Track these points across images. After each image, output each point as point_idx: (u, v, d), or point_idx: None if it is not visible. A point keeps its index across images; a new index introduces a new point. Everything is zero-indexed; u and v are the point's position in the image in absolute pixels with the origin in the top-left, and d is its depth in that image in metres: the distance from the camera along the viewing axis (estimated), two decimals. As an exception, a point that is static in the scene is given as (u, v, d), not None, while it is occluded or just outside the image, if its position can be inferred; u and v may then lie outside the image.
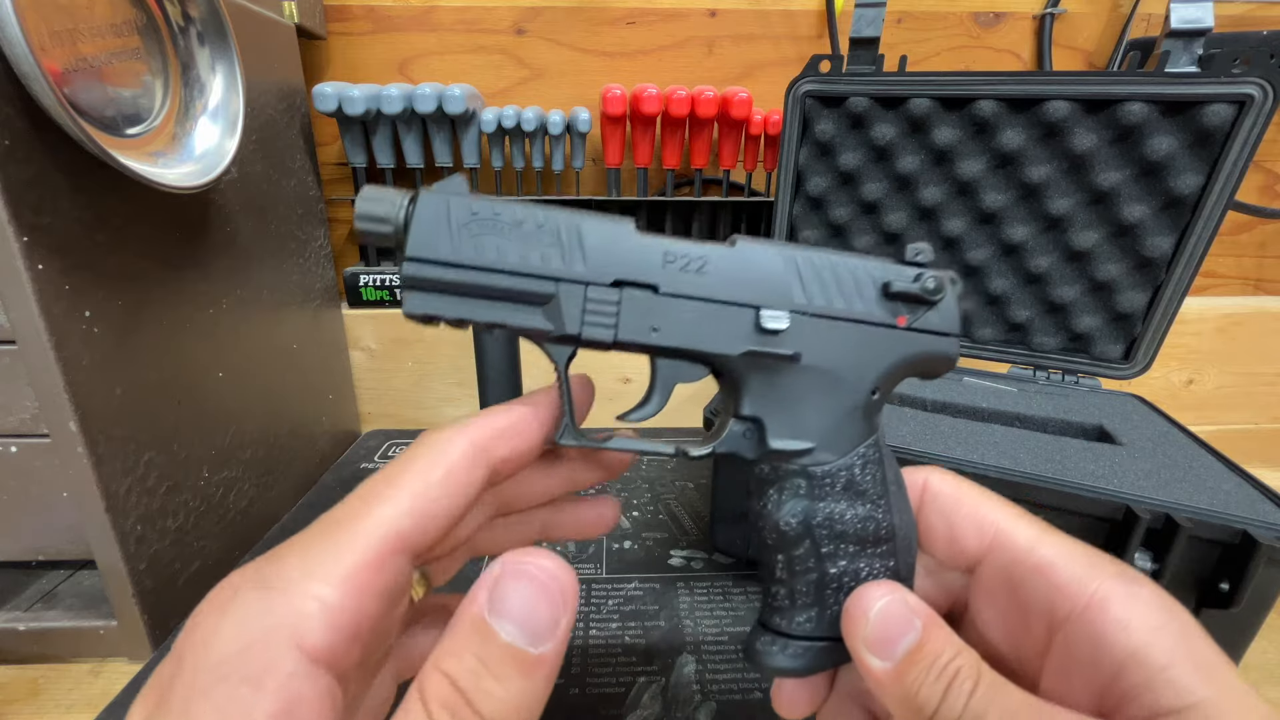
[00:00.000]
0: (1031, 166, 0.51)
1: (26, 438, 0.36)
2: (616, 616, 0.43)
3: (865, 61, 0.53)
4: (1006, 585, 0.21)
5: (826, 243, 0.59)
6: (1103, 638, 0.18)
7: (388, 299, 0.69)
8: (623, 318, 0.22)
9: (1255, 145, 0.44)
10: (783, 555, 0.24)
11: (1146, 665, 0.17)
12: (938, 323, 0.24)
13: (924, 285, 0.24)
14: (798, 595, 0.23)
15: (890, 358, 0.24)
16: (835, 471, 0.23)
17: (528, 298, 0.22)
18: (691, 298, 0.23)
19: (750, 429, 0.24)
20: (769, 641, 0.24)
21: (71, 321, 0.34)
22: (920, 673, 0.19)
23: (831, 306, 0.23)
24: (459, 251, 0.21)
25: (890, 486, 0.24)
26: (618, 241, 0.22)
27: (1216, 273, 0.80)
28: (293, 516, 0.55)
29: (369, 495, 0.19)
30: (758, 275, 0.23)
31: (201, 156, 0.42)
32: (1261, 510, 0.36)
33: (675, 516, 0.56)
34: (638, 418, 0.25)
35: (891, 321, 0.24)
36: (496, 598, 0.18)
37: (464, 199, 0.21)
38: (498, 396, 0.50)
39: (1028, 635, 0.21)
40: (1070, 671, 0.19)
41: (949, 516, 0.23)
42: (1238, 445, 0.78)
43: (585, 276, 0.22)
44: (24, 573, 0.44)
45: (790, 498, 0.23)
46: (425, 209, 0.21)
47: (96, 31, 0.34)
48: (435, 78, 0.67)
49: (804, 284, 0.23)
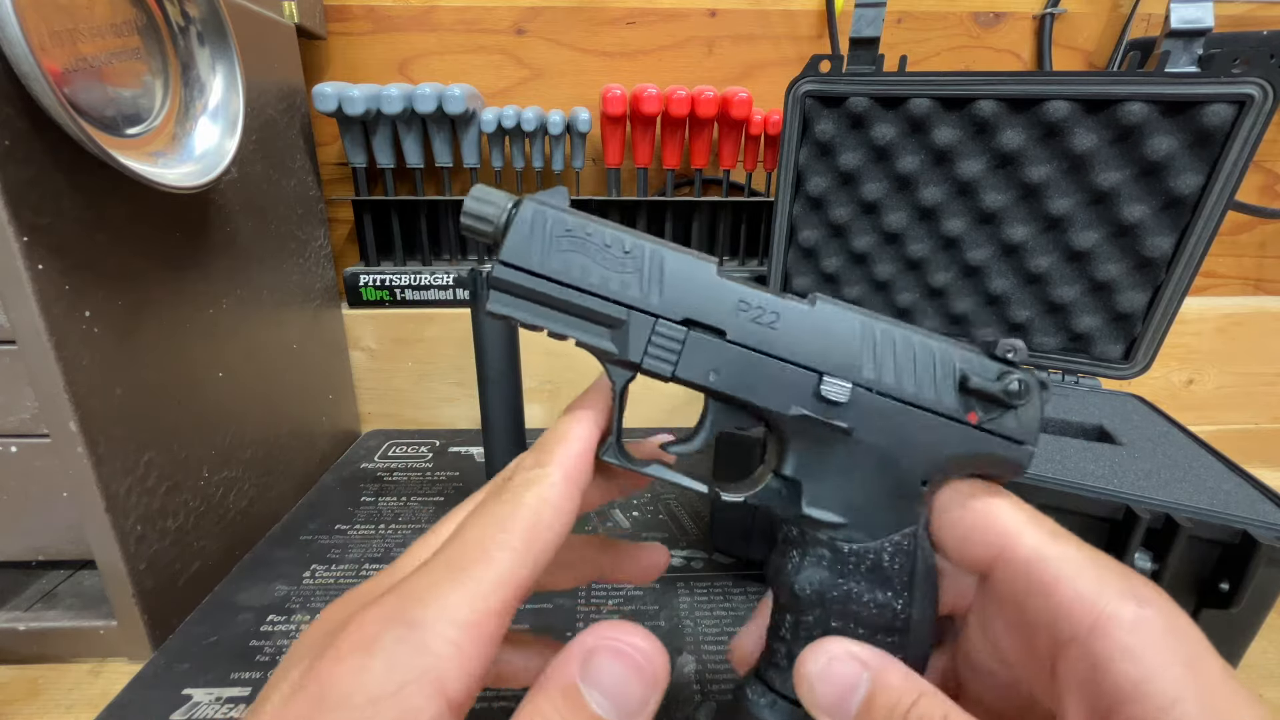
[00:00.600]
0: (1031, 166, 0.51)
1: (26, 438, 0.36)
2: (616, 617, 0.43)
3: (865, 61, 0.53)
4: (1013, 599, 0.21)
5: (826, 243, 0.59)
6: (1107, 665, 0.17)
7: (388, 299, 0.69)
8: (685, 356, 0.23)
9: (1255, 145, 0.44)
10: (791, 616, 0.23)
11: (1151, 699, 0.16)
12: (1013, 428, 0.23)
13: (1007, 387, 0.22)
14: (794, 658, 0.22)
15: (951, 452, 0.23)
16: (863, 552, 0.22)
17: (600, 319, 0.23)
18: (756, 350, 0.23)
19: (787, 488, 0.24)
20: (759, 693, 0.24)
21: (71, 321, 0.34)
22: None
23: (900, 387, 0.22)
24: (547, 264, 0.22)
25: (919, 581, 0.23)
26: (695, 280, 0.23)
27: (1216, 273, 0.80)
28: (293, 516, 0.55)
29: (487, 541, 0.19)
30: (829, 340, 0.23)
31: (201, 156, 0.42)
32: (1261, 510, 0.36)
33: (675, 516, 0.56)
34: (680, 450, 0.25)
35: (962, 416, 0.22)
36: (591, 669, 0.18)
37: (563, 214, 0.22)
38: (498, 397, 0.50)
39: (1033, 653, 0.20)
40: (1070, 698, 0.18)
41: (959, 521, 0.22)
42: (1238, 445, 0.78)
43: (658, 309, 0.22)
44: (24, 573, 0.44)
45: (812, 565, 0.23)
46: (526, 216, 0.22)
47: (96, 31, 0.34)
48: (435, 78, 0.67)
49: (877, 358, 0.23)
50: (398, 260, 0.70)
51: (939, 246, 0.56)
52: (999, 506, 0.22)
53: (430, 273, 0.68)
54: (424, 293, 0.69)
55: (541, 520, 0.20)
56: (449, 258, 0.71)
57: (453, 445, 0.69)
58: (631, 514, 0.56)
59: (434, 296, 0.69)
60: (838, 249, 0.59)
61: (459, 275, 0.68)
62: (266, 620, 0.43)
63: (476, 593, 0.18)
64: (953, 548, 0.23)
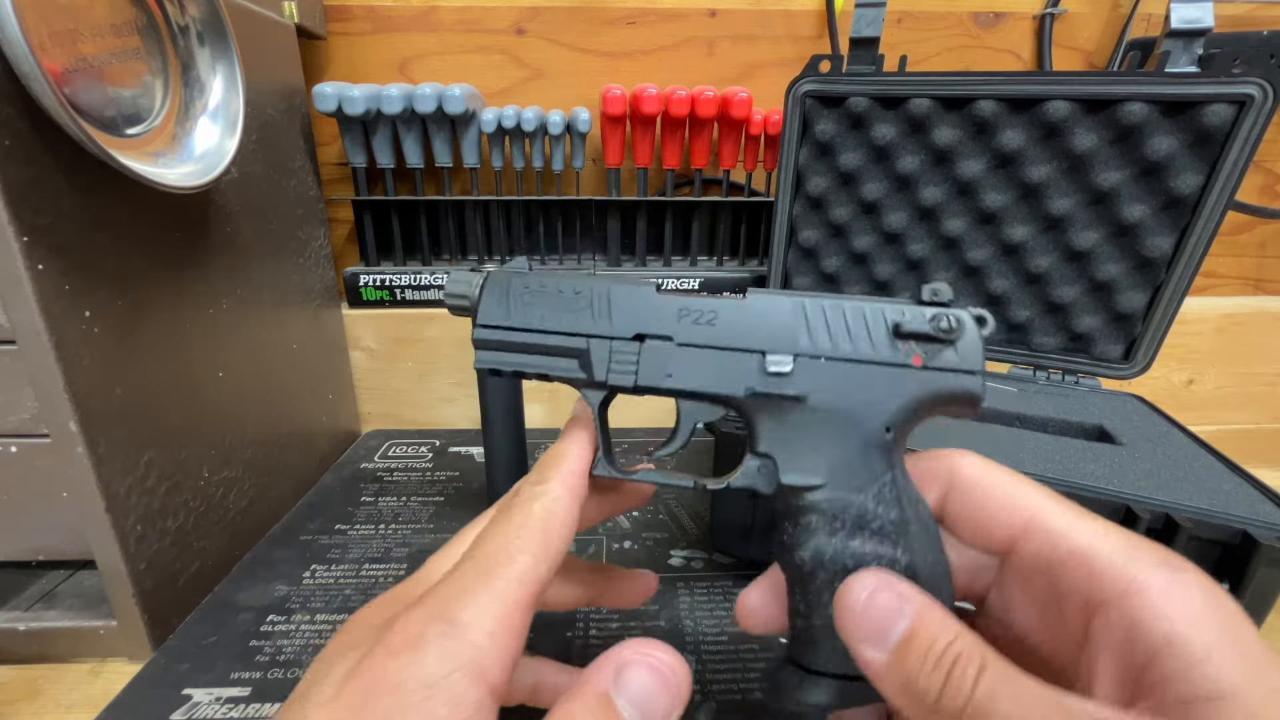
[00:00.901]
0: (1031, 166, 0.51)
1: (26, 438, 0.36)
2: (616, 616, 0.43)
3: (865, 61, 0.53)
4: (1042, 570, 0.21)
5: (826, 243, 0.59)
6: (1140, 624, 0.17)
7: (387, 299, 0.69)
8: (642, 366, 0.26)
9: (1255, 145, 0.44)
10: (801, 590, 0.24)
11: (1184, 653, 0.16)
12: (957, 361, 0.24)
13: (937, 325, 0.24)
14: (816, 629, 0.23)
15: (903, 396, 0.24)
16: (847, 507, 0.24)
17: (566, 352, 0.26)
18: (702, 346, 0.26)
19: (765, 465, 0.26)
20: (792, 674, 0.24)
21: (71, 321, 0.34)
22: (916, 661, 0.19)
23: (838, 349, 0.25)
24: (514, 317, 0.27)
25: (911, 527, 0.23)
26: (638, 302, 0.26)
27: (1216, 273, 0.80)
28: (293, 516, 0.55)
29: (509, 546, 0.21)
30: (765, 324, 0.25)
31: (201, 156, 0.42)
32: (1261, 510, 0.36)
33: (675, 516, 0.56)
34: (665, 453, 0.28)
35: (904, 361, 0.24)
36: (623, 680, 0.20)
37: (522, 277, 0.27)
38: (498, 397, 0.50)
39: (1061, 621, 0.20)
40: (1102, 657, 0.18)
41: (979, 500, 0.23)
42: (1238, 445, 0.77)
43: (610, 332, 0.26)
44: (24, 573, 0.44)
45: (804, 532, 0.24)
46: (491, 286, 0.27)
47: (96, 31, 0.34)
48: (435, 78, 0.67)
49: (810, 330, 0.25)
50: (398, 260, 0.70)
51: (939, 246, 0.56)
52: (1019, 485, 0.22)
53: (430, 273, 0.68)
54: (424, 293, 0.69)
55: (551, 526, 0.22)
56: (449, 258, 0.71)
57: (453, 445, 0.69)
58: (632, 514, 0.56)
59: (434, 296, 0.69)
60: (838, 249, 0.59)
61: (459, 275, 0.68)
62: (266, 620, 0.43)
63: (505, 591, 0.20)
64: (973, 529, 0.23)
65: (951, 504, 0.24)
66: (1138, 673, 0.17)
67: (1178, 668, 0.16)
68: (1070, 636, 0.20)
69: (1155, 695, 0.17)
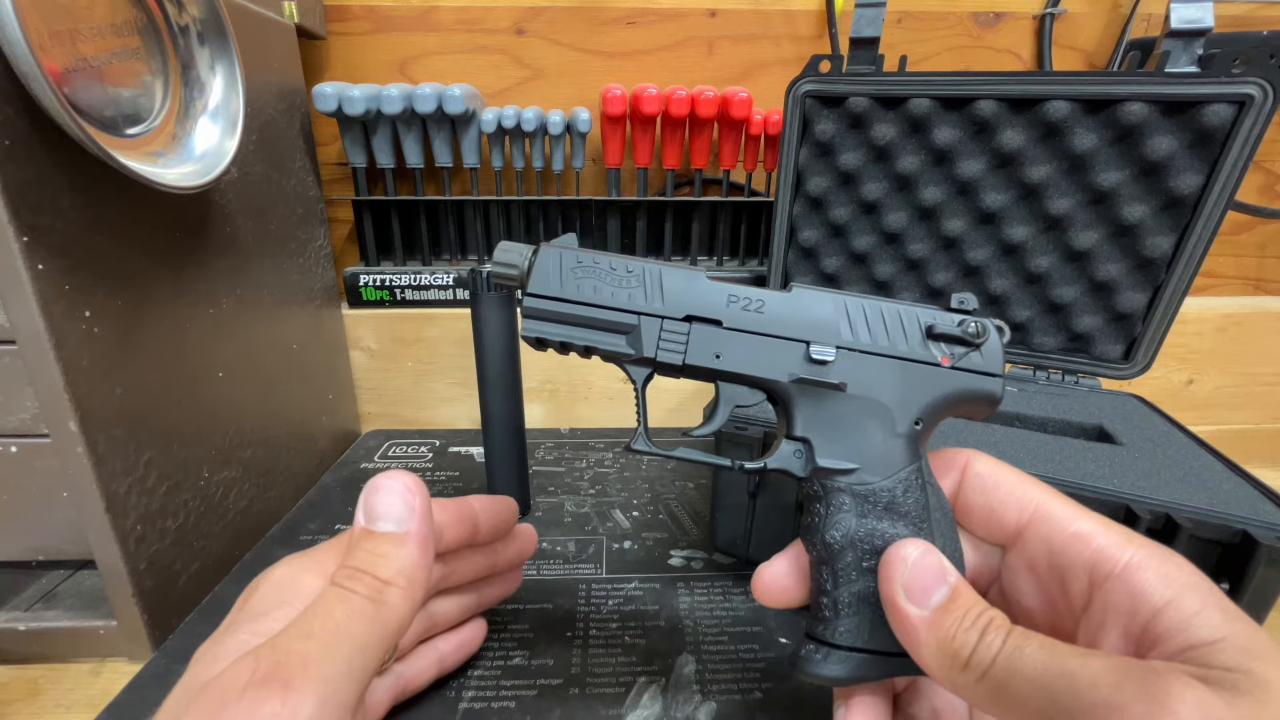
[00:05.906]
0: (1031, 166, 0.51)
1: (26, 438, 0.36)
2: (616, 616, 0.43)
3: (865, 61, 0.53)
4: (1047, 553, 0.23)
5: (826, 243, 0.59)
6: (1140, 590, 0.20)
7: (388, 299, 0.69)
8: (691, 346, 0.27)
9: (1255, 145, 0.44)
10: (827, 568, 0.26)
11: (1181, 610, 0.19)
12: (980, 364, 0.27)
13: (965, 329, 0.26)
14: (841, 605, 0.25)
15: (932, 392, 0.26)
16: (878, 491, 0.25)
17: (615, 327, 0.27)
18: (750, 332, 0.27)
19: (800, 449, 0.27)
20: (813, 650, 0.25)
21: (71, 321, 0.34)
22: (954, 621, 0.21)
23: (876, 344, 0.27)
24: (566, 289, 0.27)
25: (934, 513, 0.25)
26: (690, 285, 0.28)
27: (1216, 273, 0.80)
28: (293, 516, 0.55)
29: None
30: (810, 316, 0.27)
31: (201, 156, 0.42)
32: (1261, 510, 0.36)
33: (675, 516, 0.56)
34: (701, 433, 0.29)
35: (935, 360, 0.27)
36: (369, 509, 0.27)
37: (573, 251, 0.28)
38: (498, 397, 0.50)
39: (1065, 596, 0.23)
40: (1106, 621, 0.21)
41: (990, 493, 0.25)
42: (1238, 445, 0.78)
43: (662, 311, 0.27)
44: (24, 573, 0.44)
45: (836, 513, 0.26)
46: (544, 257, 0.28)
47: (96, 31, 0.34)
48: (435, 78, 0.67)
49: (852, 324, 0.27)
50: (398, 260, 0.70)
51: (939, 246, 0.56)
52: (1026, 481, 0.25)
53: (430, 273, 0.68)
54: (424, 293, 0.69)
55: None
56: (449, 258, 0.71)
57: (453, 445, 0.69)
58: (632, 514, 0.56)
59: (434, 296, 0.69)
60: (838, 249, 0.59)
61: (459, 275, 0.68)
62: (266, 620, 0.43)
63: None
64: (984, 518, 0.25)
65: (964, 496, 0.26)
66: (1140, 632, 0.20)
67: (1178, 622, 0.19)
68: (1070, 611, 0.23)
69: (1161, 646, 0.19)
